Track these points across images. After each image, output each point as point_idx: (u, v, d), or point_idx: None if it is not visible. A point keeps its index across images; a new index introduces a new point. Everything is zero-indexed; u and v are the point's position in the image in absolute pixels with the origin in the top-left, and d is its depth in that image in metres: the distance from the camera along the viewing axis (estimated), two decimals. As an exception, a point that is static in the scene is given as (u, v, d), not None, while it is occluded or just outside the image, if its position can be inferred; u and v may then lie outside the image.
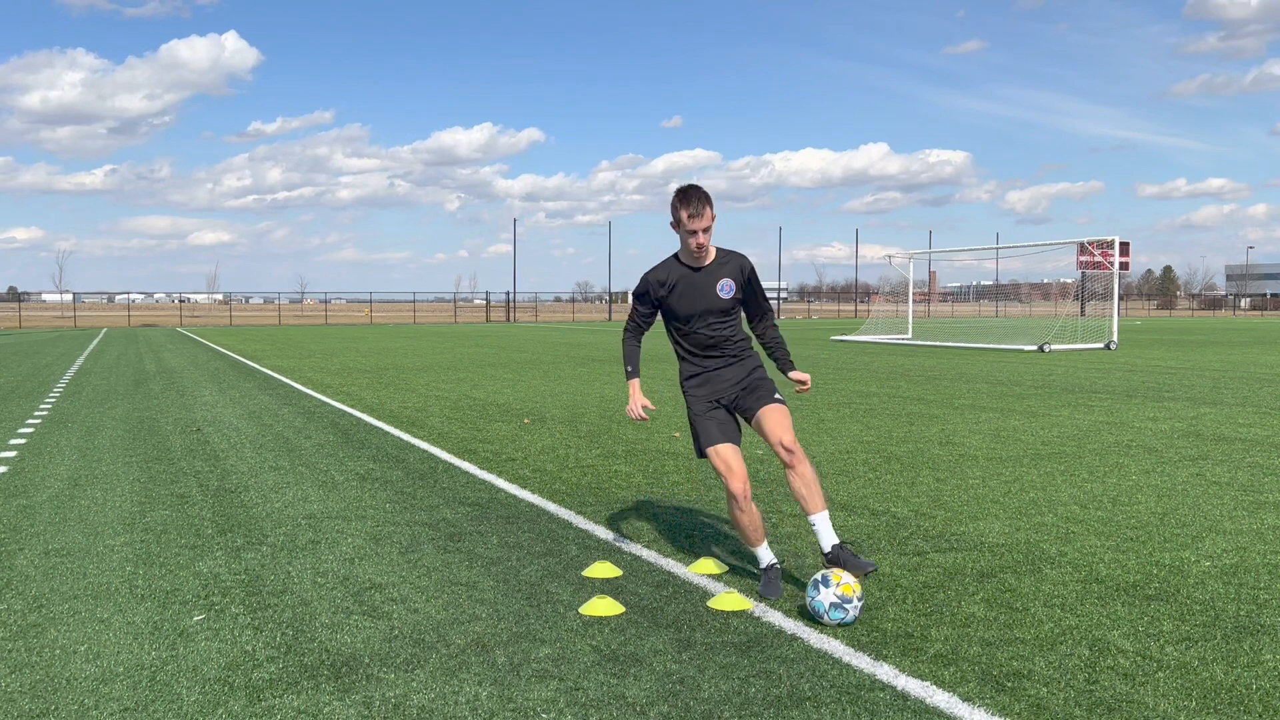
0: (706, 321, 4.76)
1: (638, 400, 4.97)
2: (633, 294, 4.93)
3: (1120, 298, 33.74)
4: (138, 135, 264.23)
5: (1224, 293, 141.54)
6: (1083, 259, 31.26)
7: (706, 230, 4.62)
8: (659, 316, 4.98)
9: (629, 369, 5.00)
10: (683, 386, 4.95)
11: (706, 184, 4.90)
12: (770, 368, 5.07)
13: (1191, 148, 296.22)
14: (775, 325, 5.10)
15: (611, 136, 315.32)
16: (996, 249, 45.27)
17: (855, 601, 4.20)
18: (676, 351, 4.96)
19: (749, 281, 4.83)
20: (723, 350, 4.82)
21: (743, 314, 4.97)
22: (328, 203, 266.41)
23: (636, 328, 5.00)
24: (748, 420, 4.84)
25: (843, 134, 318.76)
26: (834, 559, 4.58)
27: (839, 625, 4.20)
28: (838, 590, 4.19)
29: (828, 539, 4.64)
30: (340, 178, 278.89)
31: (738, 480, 4.63)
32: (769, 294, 5.26)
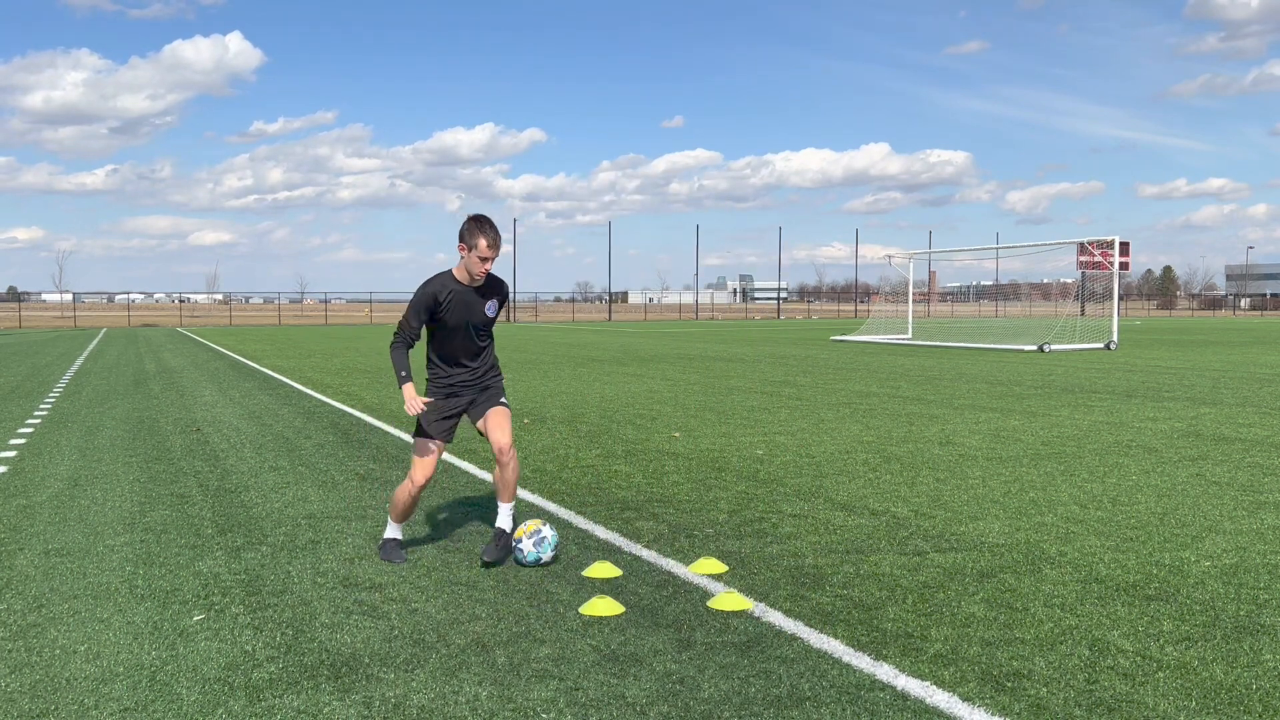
0: (468, 334, 5.28)
1: (415, 400, 5.22)
2: (410, 307, 5.24)
3: (1120, 298, 33.74)
4: (139, 135, 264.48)
5: (1224, 293, 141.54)
6: (1083, 259, 31.25)
7: (494, 260, 5.21)
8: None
9: (402, 374, 5.26)
10: (428, 387, 5.38)
11: (707, 184, 5.17)
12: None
13: (1192, 148, 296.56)
14: (492, 342, 5.60)
15: (612, 136, 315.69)
16: (996, 249, 45.29)
17: (544, 529, 5.06)
18: (431, 357, 5.37)
19: (501, 306, 5.42)
20: (477, 364, 5.37)
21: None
22: (328, 203, 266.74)
23: (406, 340, 5.30)
24: (473, 420, 5.37)
25: (844, 134, 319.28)
26: (497, 535, 5.27)
27: (551, 556, 5.05)
28: (526, 536, 5.04)
29: (503, 524, 5.30)
30: (341, 178, 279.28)
31: (426, 473, 5.30)
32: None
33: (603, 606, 4.42)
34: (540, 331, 45.08)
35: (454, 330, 5.23)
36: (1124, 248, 30.71)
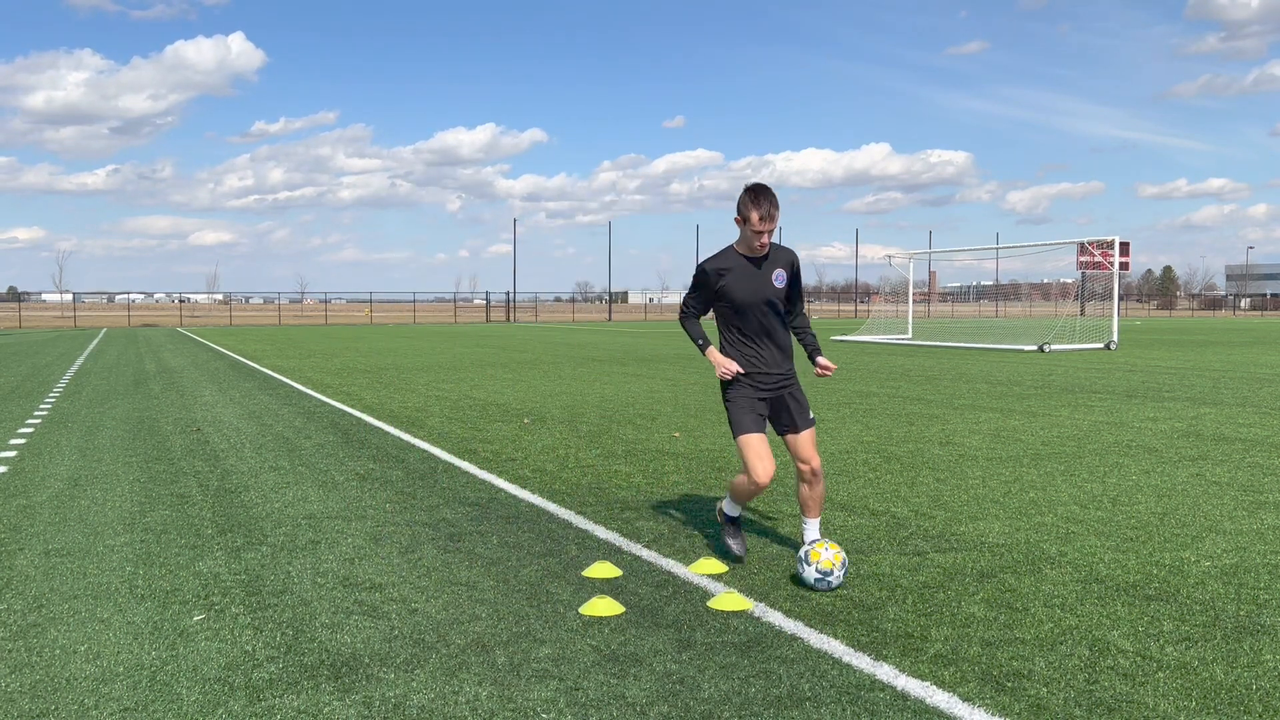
0: (760, 309, 5.07)
1: (723, 361, 5.11)
2: (692, 281, 5.22)
3: (1120, 298, 33.73)
4: (140, 135, 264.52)
5: (1224, 293, 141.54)
6: (1083, 259, 31.25)
7: (771, 231, 4.99)
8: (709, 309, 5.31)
9: (700, 342, 5.24)
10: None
11: (708, 184, 5.19)
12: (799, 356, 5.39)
13: (1192, 148, 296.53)
14: (806, 314, 5.45)
15: (613, 137, 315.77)
16: (996, 249, 45.26)
17: (837, 571, 4.70)
18: (725, 339, 5.20)
19: (795, 276, 5.22)
20: (769, 339, 5.13)
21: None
22: (329, 203, 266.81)
23: (693, 313, 5.28)
24: (779, 432, 5.18)
25: (845, 134, 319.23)
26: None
27: (829, 590, 4.73)
28: (819, 566, 4.70)
29: (812, 534, 5.22)
30: (342, 178, 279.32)
31: (766, 473, 4.96)
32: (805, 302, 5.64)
33: (603, 606, 4.42)
34: (540, 331, 45.08)
35: (744, 307, 5.05)
36: (1124, 248, 30.71)
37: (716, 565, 5.07)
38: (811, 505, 5.19)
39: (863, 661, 3.83)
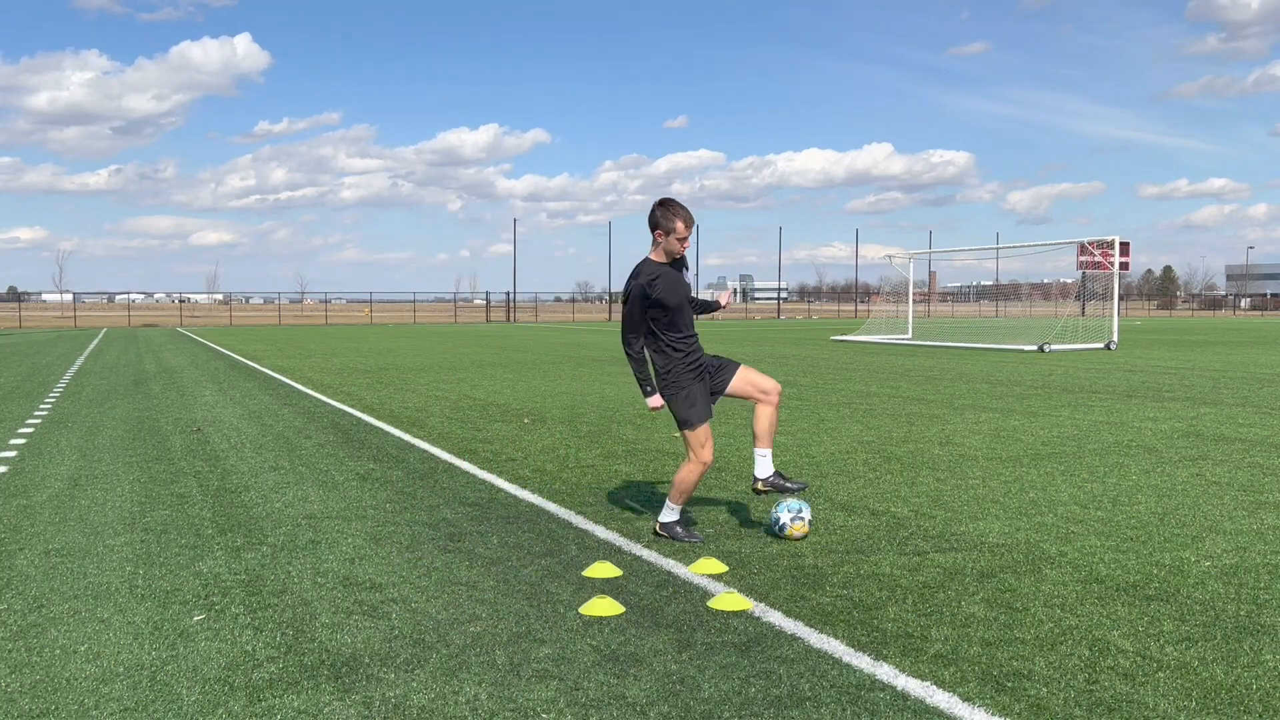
0: (685, 306, 5.62)
1: (654, 403, 5.70)
2: (633, 297, 5.51)
3: (1120, 298, 33.74)
4: (143, 136, 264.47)
5: (1224, 293, 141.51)
6: (1083, 259, 31.25)
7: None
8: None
9: (648, 389, 5.69)
10: (671, 371, 5.59)
11: (709, 184, 5.54)
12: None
13: (1193, 148, 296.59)
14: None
15: (615, 137, 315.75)
16: (997, 249, 45.30)
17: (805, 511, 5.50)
18: (664, 342, 5.59)
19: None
20: (693, 328, 5.73)
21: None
22: (330, 203, 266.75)
23: (637, 338, 5.63)
24: (719, 392, 5.71)
25: (846, 134, 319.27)
26: (772, 484, 5.75)
27: (789, 517, 5.42)
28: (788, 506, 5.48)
29: (763, 470, 5.76)
30: (343, 178, 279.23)
31: (712, 452, 5.61)
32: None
33: (603, 606, 4.42)
34: (540, 331, 45.08)
35: (676, 309, 5.55)
36: (1124, 248, 30.71)
37: (716, 565, 5.07)
38: (765, 436, 5.71)
39: (863, 661, 3.83)
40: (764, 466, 5.72)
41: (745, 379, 5.71)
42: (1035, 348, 25.68)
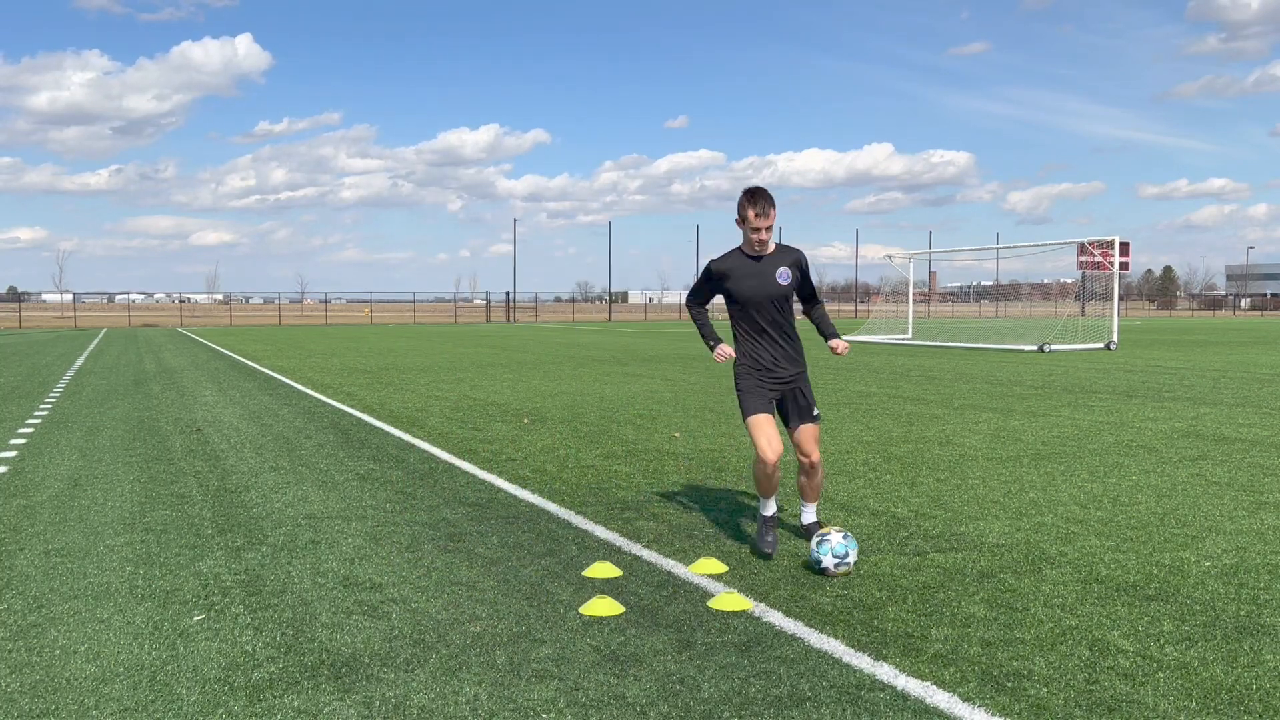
0: (765, 306, 5.33)
1: (721, 350, 5.54)
2: (700, 275, 5.57)
3: (1120, 298, 33.73)
4: (144, 136, 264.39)
5: (1224, 293, 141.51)
6: (1083, 259, 31.25)
7: (769, 229, 5.25)
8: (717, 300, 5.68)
9: (711, 343, 5.63)
10: (736, 365, 5.49)
11: (710, 184, 5.31)
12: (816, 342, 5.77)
13: (1193, 148, 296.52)
14: (823, 304, 5.78)
15: (616, 137, 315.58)
16: (997, 249, 45.24)
17: (851, 553, 4.93)
18: (735, 333, 5.49)
19: (804, 273, 5.46)
20: (777, 335, 5.40)
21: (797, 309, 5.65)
22: (331, 203, 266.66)
23: (696, 300, 5.75)
24: (785, 425, 5.48)
25: (847, 134, 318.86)
26: (807, 531, 5.59)
27: (832, 561, 4.91)
28: (834, 550, 4.90)
29: (808, 519, 5.64)
30: (344, 178, 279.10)
31: (775, 451, 5.25)
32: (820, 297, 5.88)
33: (603, 606, 4.42)
34: (540, 331, 45.08)
35: (748, 304, 5.32)
36: (1124, 248, 30.71)
37: (716, 565, 5.07)
38: (809, 492, 5.60)
39: (863, 661, 3.83)
40: (807, 515, 5.65)
41: (800, 436, 5.42)
42: (1035, 348, 25.68)
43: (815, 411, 5.47)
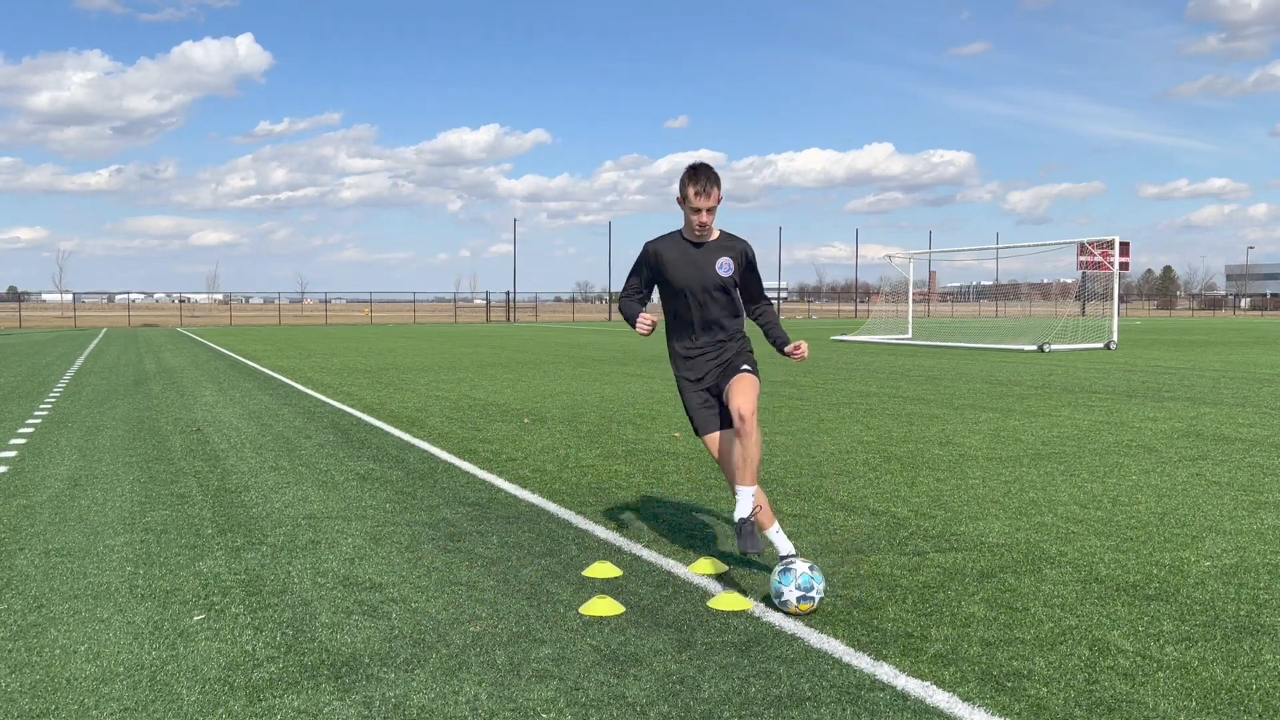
0: (699, 295, 4.81)
1: (642, 321, 4.91)
2: (634, 262, 4.99)
3: (1120, 298, 33.74)
4: (144, 136, 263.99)
5: (1224, 293, 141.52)
6: (1083, 259, 31.27)
7: (711, 210, 4.69)
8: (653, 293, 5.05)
9: (632, 322, 4.96)
10: (674, 365, 5.01)
11: None
12: (767, 349, 5.08)
13: (1193, 148, 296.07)
14: (771, 307, 5.17)
15: (616, 137, 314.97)
16: (997, 249, 45.31)
17: (797, 563, 4.43)
18: (667, 329, 4.98)
19: (749, 266, 4.91)
20: (714, 332, 4.88)
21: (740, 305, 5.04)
22: (331, 203, 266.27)
23: (631, 295, 5.05)
24: (724, 397, 4.87)
25: (847, 134, 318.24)
26: (738, 528, 4.68)
27: (794, 595, 4.36)
28: (798, 582, 4.36)
29: (741, 510, 4.67)
30: (344, 178, 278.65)
31: (716, 454, 4.87)
32: (769, 294, 5.30)
33: (603, 606, 4.42)
34: (540, 331, 45.08)
35: (681, 291, 4.80)
36: (1124, 248, 30.73)
37: (716, 565, 5.07)
38: (740, 468, 4.63)
39: (863, 661, 3.83)
40: (742, 505, 4.70)
41: (731, 387, 4.78)
42: (1035, 348, 25.68)
43: (746, 366, 4.84)
